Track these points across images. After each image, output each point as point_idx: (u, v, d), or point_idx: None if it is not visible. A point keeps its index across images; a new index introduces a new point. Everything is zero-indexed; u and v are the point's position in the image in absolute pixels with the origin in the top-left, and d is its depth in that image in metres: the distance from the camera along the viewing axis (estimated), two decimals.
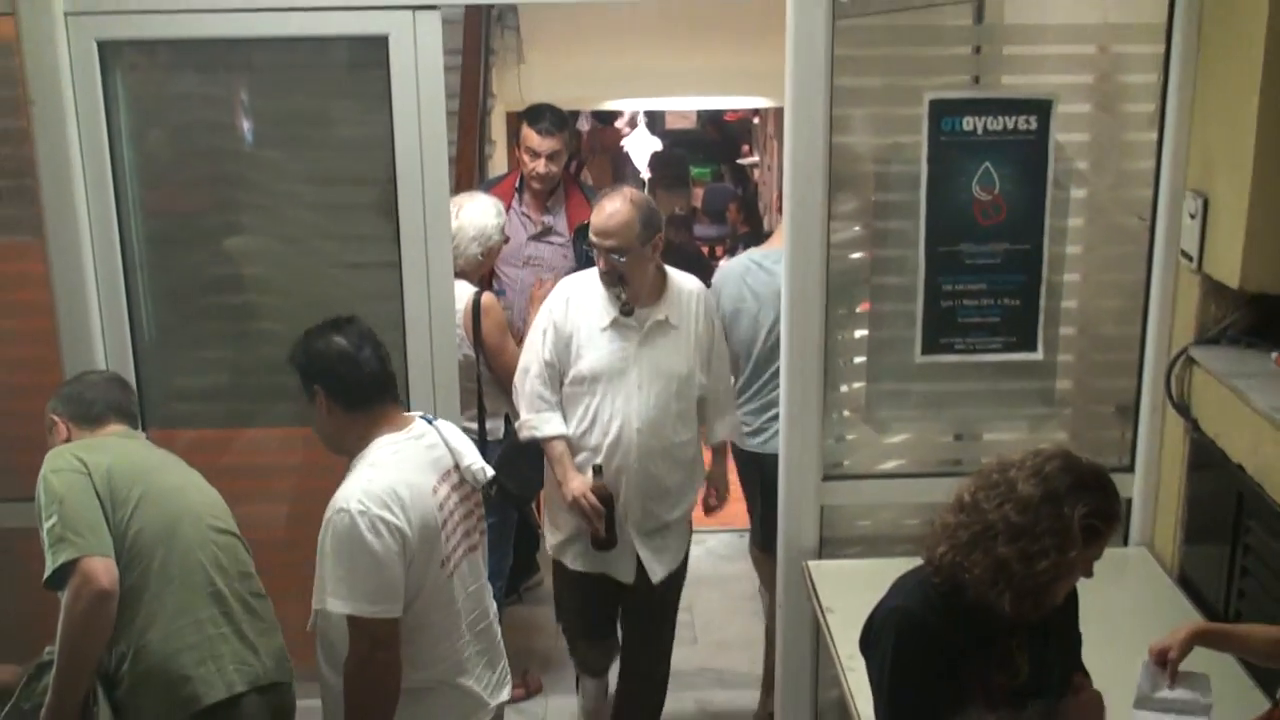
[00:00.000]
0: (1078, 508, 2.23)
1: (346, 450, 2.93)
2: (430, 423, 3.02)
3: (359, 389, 2.90)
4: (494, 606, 3.17)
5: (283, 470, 3.87)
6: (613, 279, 3.79)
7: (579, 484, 3.74)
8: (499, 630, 3.17)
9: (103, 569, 2.82)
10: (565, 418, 3.82)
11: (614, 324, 3.79)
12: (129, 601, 2.88)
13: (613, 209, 3.79)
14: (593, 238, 3.82)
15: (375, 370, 2.92)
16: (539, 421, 3.83)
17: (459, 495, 2.99)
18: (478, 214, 4.38)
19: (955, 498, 2.36)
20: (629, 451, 3.75)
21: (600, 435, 3.76)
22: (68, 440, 3.07)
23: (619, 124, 12.48)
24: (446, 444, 3.00)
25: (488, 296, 4.32)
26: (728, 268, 4.39)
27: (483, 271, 4.55)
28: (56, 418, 3.11)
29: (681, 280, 3.95)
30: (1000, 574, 2.25)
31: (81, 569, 2.80)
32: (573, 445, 3.80)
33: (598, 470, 3.74)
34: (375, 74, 3.49)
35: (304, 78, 3.58)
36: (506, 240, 4.65)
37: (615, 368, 3.76)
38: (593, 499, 3.72)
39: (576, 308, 3.85)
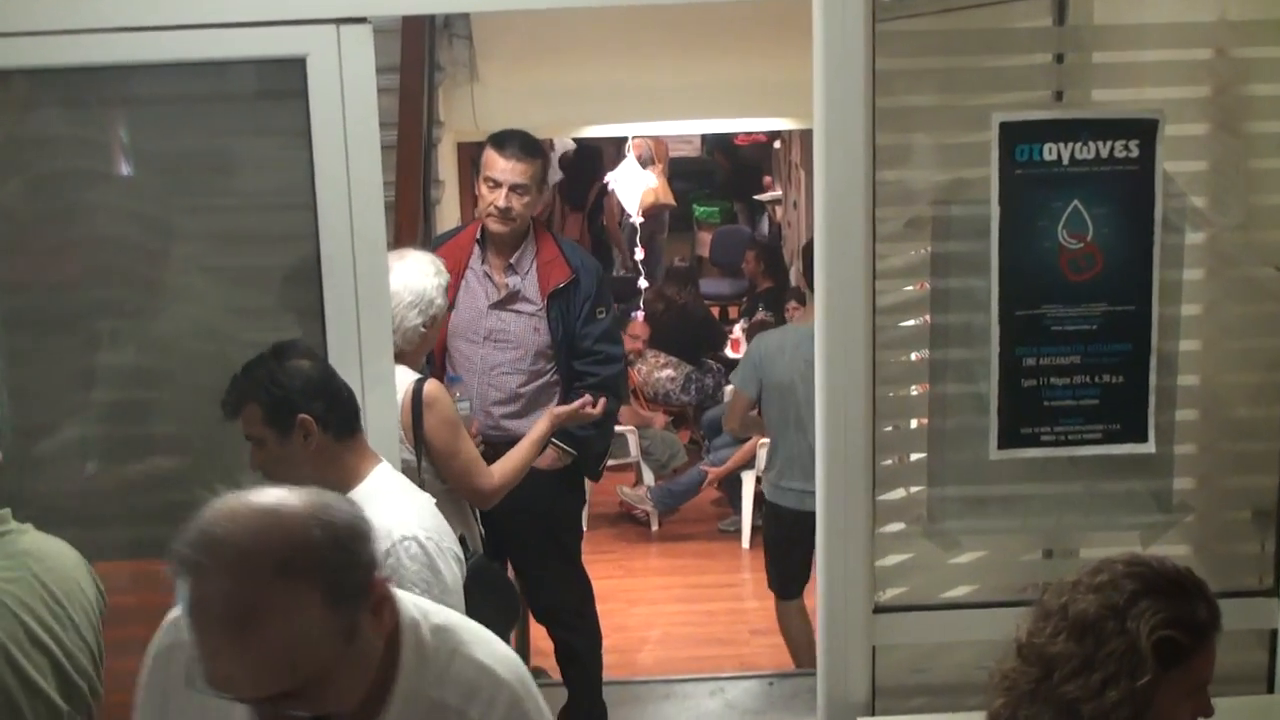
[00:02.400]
0: (1144, 618, 2.20)
1: (327, 485, 3.12)
2: None
3: (352, 412, 3.31)
4: None
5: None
6: None
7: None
8: None
9: None
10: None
11: None
12: None
13: None
14: None
15: (351, 391, 3.33)
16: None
17: None
18: (412, 274, 4.35)
19: (1014, 637, 2.35)
20: None
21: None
22: None
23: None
24: None
25: (432, 385, 4.30)
26: (770, 340, 4.55)
27: (426, 350, 4.54)
28: None
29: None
30: None
31: None
32: None
33: None
34: (290, 105, 3.50)
35: (201, 113, 3.60)
36: (452, 306, 4.67)
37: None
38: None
39: None
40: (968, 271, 3.54)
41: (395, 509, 3.25)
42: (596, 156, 12.41)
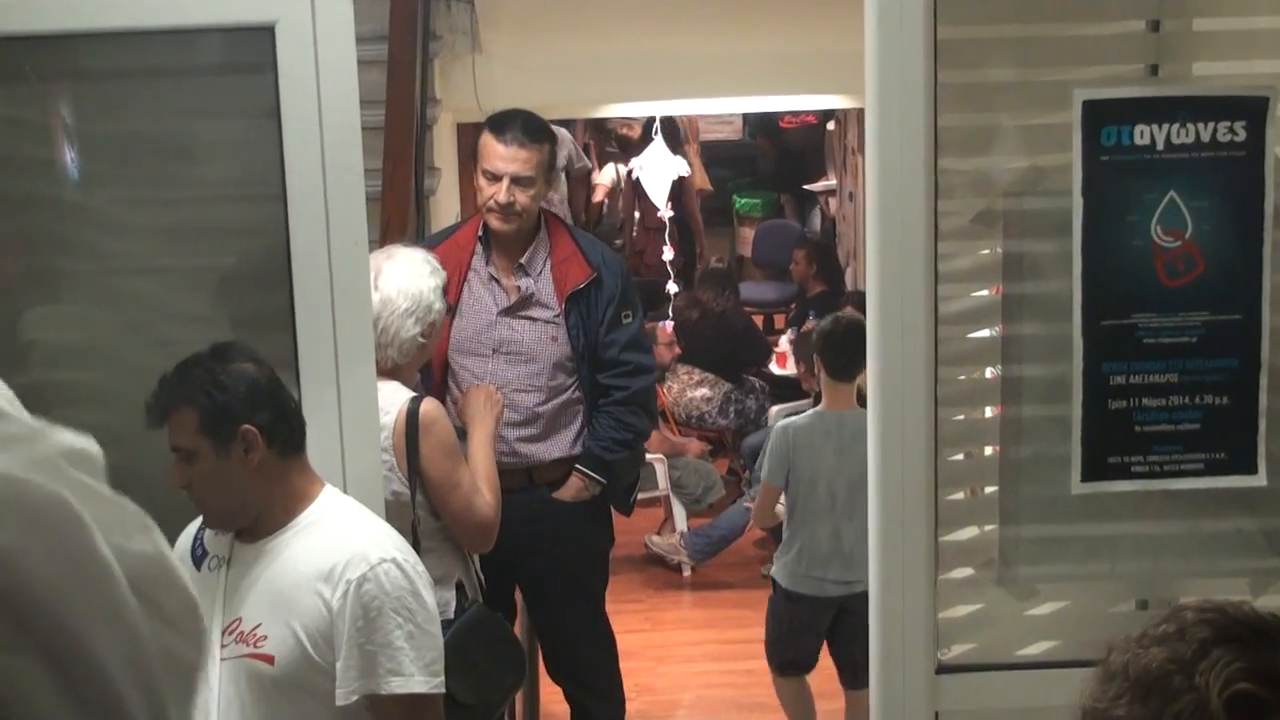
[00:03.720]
0: (1216, 671, 2.16)
1: (268, 514, 3.35)
2: None
3: (300, 428, 3.38)
4: None
5: None
6: None
7: None
8: None
9: None
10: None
11: None
12: None
13: None
14: None
15: (299, 404, 3.42)
16: None
17: None
18: (405, 276, 4.37)
19: (1078, 704, 2.32)
20: None
21: None
22: None
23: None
24: None
25: (430, 405, 4.33)
26: (799, 429, 5.15)
27: (423, 363, 4.56)
28: None
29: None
30: None
31: None
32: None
33: None
34: (257, 81, 3.52)
35: (154, 90, 3.62)
36: (450, 312, 4.68)
37: None
38: None
39: None
40: (1046, 274, 3.55)
41: (363, 530, 3.37)
42: None
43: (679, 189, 12.61)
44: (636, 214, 12.93)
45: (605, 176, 12.72)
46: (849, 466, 5.50)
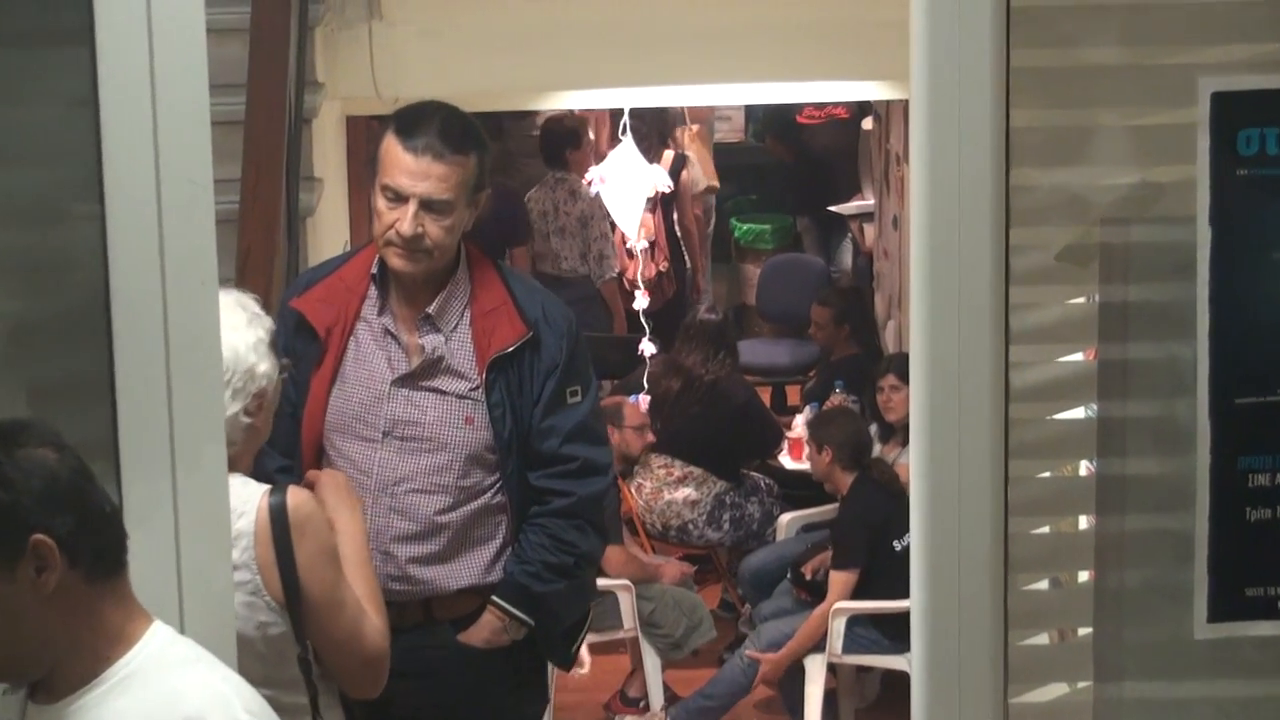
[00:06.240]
0: None
1: (70, 662, 3.28)
2: None
3: (117, 542, 3.32)
4: None
5: None
6: None
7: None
8: None
9: None
10: None
11: None
12: None
13: None
14: None
15: (116, 508, 3.37)
16: None
17: None
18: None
19: None
20: None
21: None
22: None
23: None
24: None
25: (299, 497, 4.32)
26: None
27: (256, 450, 4.51)
28: None
29: None
30: None
31: None
32: None
33: None
34: (66, 57, 3.53)
35: None
36: (285, 370, 4.61)
37: None
38: None
39: None
40: (1159, 332, 3.58)
41: (203, 686, 3.28)
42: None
43: (670, 198, 12.61)
44: None
45: None
46: None
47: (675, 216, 13.00)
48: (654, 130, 12.64)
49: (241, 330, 4.35)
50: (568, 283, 12.18)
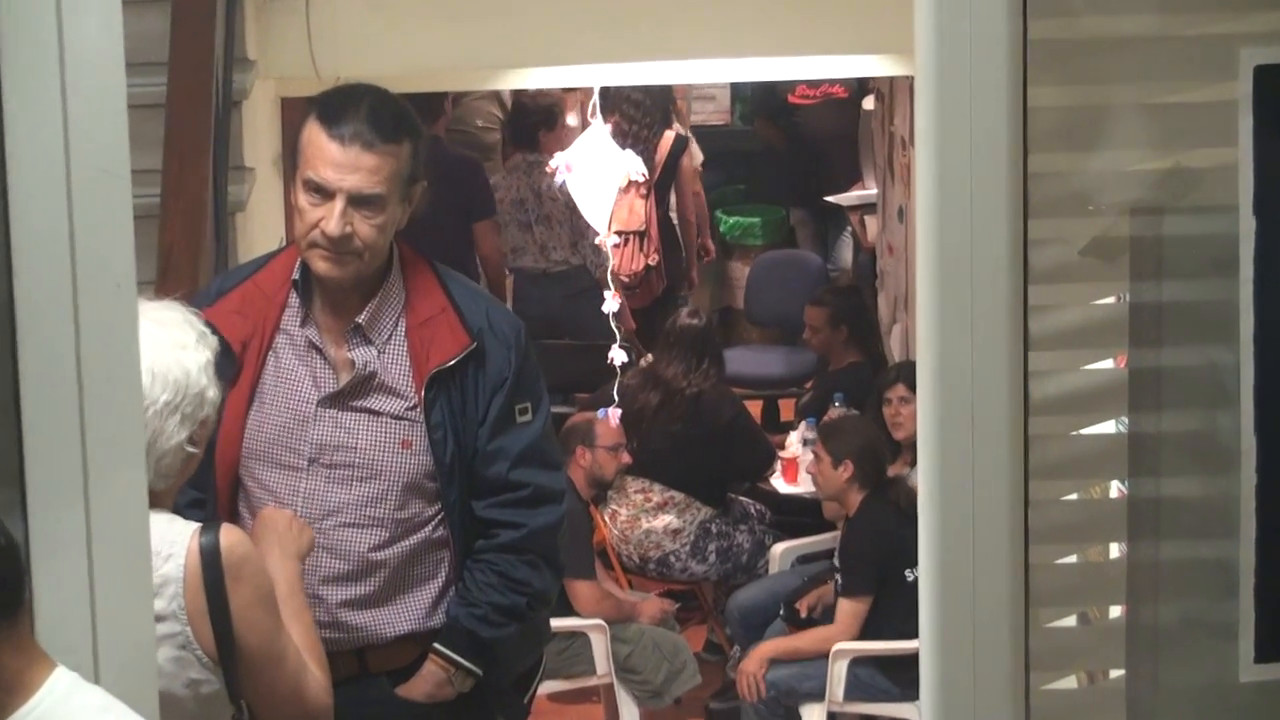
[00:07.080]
0: None
1: None
2: None
3: (14, 583, 3.40)
4: None
5: None
6: None
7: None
8: None
9: None
10: None
11: None
12: None
13: None
14: None
15: (14, 543, 3.41)
16: None
17: None
18: (161, 349, 4.31)
19: None
20: None
21: None
22: None
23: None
24: None
25: (232, 536, 4.32)
26: None
27: (185, 480, 4.51)
28: None
29: None
30: None
31: None
32: None
33: None
34: None
35: None
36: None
37: None
38: None
39: None
40: (1197, 336, 3.58)
41: None
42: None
43: (668, 176, 12.62)
44: None
45: None
46: None
47: (673, 201, 13.02)
48: (658, 108, 12.58)
49: (191, 350, 4.33)
50: (561, 277, 12.26)
